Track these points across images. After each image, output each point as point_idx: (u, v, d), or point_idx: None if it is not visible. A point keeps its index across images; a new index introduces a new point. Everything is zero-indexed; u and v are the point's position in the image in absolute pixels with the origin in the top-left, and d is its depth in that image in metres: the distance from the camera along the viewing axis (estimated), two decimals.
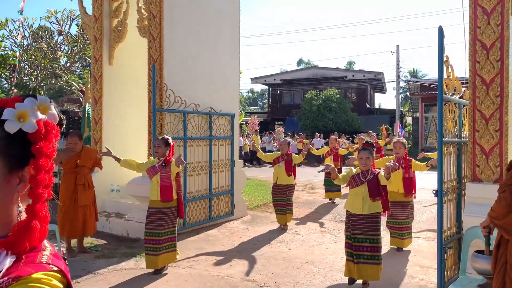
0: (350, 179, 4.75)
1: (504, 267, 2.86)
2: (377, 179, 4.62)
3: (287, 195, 7.67)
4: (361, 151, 4.74)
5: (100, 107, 8.36)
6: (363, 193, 4.60)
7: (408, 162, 6.26)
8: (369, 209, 4.56)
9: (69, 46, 12.79)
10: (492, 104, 4.31)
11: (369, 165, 4.67)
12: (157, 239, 5.17)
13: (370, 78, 35.44)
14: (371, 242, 4.53)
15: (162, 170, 5.26)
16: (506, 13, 4.27)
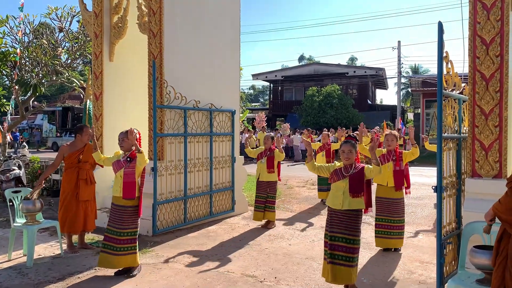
0: (332, 173, 4.47)
1: (504, 261, 2.87)
2: (361, 174, 4.35)
3: (268, 192, 7.45)
4: (343, 144, 4.44)
5: (101, 104, 8.37)
6: (343, 187, 4.34)
7: (399, 155, 5.98)
8: (349, 205, 4.28)
9: (70, 43, 12.79)
10: (491, 100, 4.31)
11: (352, 158, 4.40)
12: (117, 239, 4.92)
13: (371, 74, 35.40)
14: (348, 242, 4.24)
15: (126, 166, 5.01)
16: (506, 8, 4.26)
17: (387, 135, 6.13)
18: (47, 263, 5.45)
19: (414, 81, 31.88)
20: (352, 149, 4.38)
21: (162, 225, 6.94)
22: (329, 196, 4.55)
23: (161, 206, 6.92)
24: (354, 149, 4.40)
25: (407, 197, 10.42)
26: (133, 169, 5.01)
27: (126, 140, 5.04)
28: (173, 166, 7.18)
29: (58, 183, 10.28)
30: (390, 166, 5.90)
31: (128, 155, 5.06)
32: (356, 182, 4.32)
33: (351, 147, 4.39)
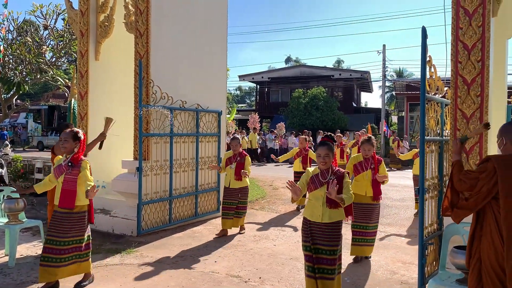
0: (309, 182, 4.09)
1: (478, 262, 2.95)
2: (340, 181, 3.96)
3: (240, 198, 7.00)
4: (319, 147, 4.06)
5: (86, 103, 8.30)
6: (323, 197, 3.96)
7: (377, 163, 5.67)
8: (329, 217, 3.94)
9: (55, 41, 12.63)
10: (473, 104, 4.41)
11: (329, 163, 4.03)
12: (58, 249, 4.37)
13: (356, 77, 35.74)
14: (332, 254, 3.93)
15: (67, 171, 4.46)
16: (487, 14, 4.37)
17: (363, 144, 5.74)
18: (29, 263, 5.39)
19: (398, 85, 32.25)
20: (329, 153, 4.03)
21: (147, 225, 6.92)
22: (306, 206, 4.17)
23: (146, 206, 6.89)
24: (331, 152, 4.05)
25: (391, 199, 10.55)
26: (75, 176, 4.46)
27: (69, 141, 4.51)
28: (159, 166, 7.16)
29: None
30: (369, 174, 5.61)
31: (70, 159, 4.50)
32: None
33: (328, 150, 4.03)
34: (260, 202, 10.27)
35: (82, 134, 4.65)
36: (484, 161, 3.05)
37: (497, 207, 2.87)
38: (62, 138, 4.58)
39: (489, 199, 2.91)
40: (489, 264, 2.86)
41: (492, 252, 2.85)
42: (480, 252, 2.93)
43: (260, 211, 9.19)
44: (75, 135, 4.55)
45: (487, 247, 2.89)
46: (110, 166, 8.41)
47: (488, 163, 2.96)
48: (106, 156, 8.48)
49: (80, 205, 4.51)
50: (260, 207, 9.62)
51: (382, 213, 8.98)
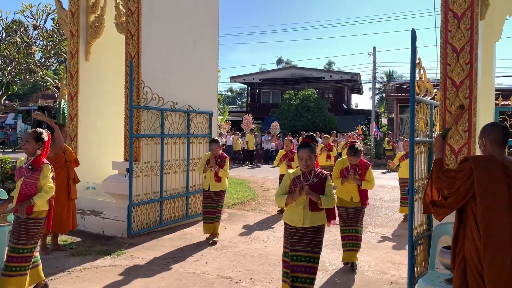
0: (290, 185, 3.87)
1: (463, 263, 3.00)
2: (323, 184, 3.79)
3: (218, 201, 6.67)
4: (300, 149, 3.82)
5: (76, 104, 8.25)
6: (304, 201, 3.75)
7: (364, 169, 5.53)
8: (311, 222, 3.73)
9: (44, 41, 12.52)
10: None
11: (312, 165, 3.82)
12: (18, 256, 4.08)
13: (347, 79, 35.91)
14: (310, 261, 3.72)
15: (27, 175, 4.17)
16: (475, 18, 4.43)
17: (349, 156, 5.55)
18: None
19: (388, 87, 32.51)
20: (311, 155, 3.79)
21: (138, 226, 6.89)
22: (286, 210, 3.93)
23: (137, 207, 6.86)
24: (314, 154, 3.81)
25: (381, 200, 10.62)
26: (35, 181, 4.16)
27: (31, 142, 4.23)
28: (149, 168, 7.13)
29: None
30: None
31: (31, 161, 4.21)
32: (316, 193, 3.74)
33: (310, 152, 3.80)
34: (251, 203, 10.27)
35: (47, 135, 4.36)
36: (463, 161, 3.12)
37: (476, 207, 2.94)
38: (24, 138, 4.29)
39: (467, 199, 2.99)
40: (472, 263, 2.91)
41: (473, 251, 2.91)
42: (464, 252, 2.99)
43: (251, 212, 9.19)
44: (38, 136, 4.28)
45: (469, 246, 2.95)
46: (101, 167, 8.37)
47: (466, 163, 3.04)
48: (97, 157, 8.46)
49: (38, 210, 4.19)
50: (251, 208, 9.62)
51: (372, 214, 9.09)
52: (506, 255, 2.79)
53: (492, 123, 3.24)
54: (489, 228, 2.84)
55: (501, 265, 2.78)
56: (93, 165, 8.33)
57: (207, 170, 6.59)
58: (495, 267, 2.79)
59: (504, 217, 2.82)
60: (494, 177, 2.89)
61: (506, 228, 2.81)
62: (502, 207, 2.83)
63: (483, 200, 2.88)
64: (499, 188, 2.86)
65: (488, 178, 2.90)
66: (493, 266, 2.79)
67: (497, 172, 2.90)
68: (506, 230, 2.81)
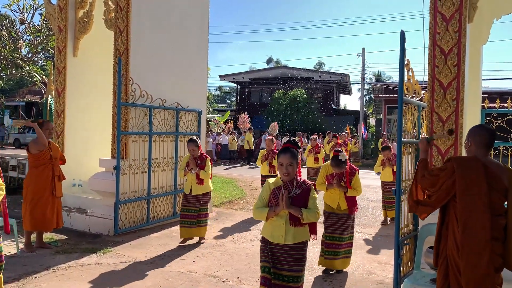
0: (270, 196, 3.46)
1: (445, 261, 3.05)
2: (306, 196, 3.40)
3: (201, 205, 6.39)
4: (281, 154, 3.40)
5: (63, 100, 8.16)
6: (285, 215, 3.36)
7: (350, 176, 5.22)
8: (294, 237, 3.34)
9: (32, 36, 12.37)
10: (448, 107, 4.52)
11: (293, 173, 3.40)
12: None
13: (336, 79, 36.08)
14: (294, 281, 3.38)
15: None
16: (463, 20, 4.48)
17: (333, 167, 5.24)
18: None
19: (377, 88, 32.76)
20: (292, 161, 3.37)
21: (124, 225, 6.83)
22: (265, 224, 3.50)
23: (124, 205, 6.81)
24: (295, 160, 3.39)
25: (368, 200, 10.69)
26: None
27: None
28: (137, 165, 7.08)
29: (15, 181, 9.93)
30: None
31: None
32: (299, 206, 3.36)
33: (291, 158, 3.37)
34: (239, 202, 10.26)
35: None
36: (447, 161, 3.19)
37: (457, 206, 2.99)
38: None
39: (449, 197, 3.05)
40: (453, 262, 2.97)
41: (455, 249, 2.96)
42: (447, 251, 3.03)
43: (239, 211, 9.18)
44: None
45: (451, 245, 3.00)
46: (87, 164, 8.29)
47: (449, 163, 3.11)
48: (83, 154, 8.38)
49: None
50: (239, 207, 9.62)
51: (359, 214, 9.11)
52: (482, 254, 2.84)
53: (481, 125, 3.29)
54: (467, 227, 2.90)
55: (477, 264, 2.84)
56: (80, 162, 8.24)
57: (187, 172, 6.33)
58: (471, 266, 2.84)
59: (481, 217, 2.88)
60: (474, 177, 2.95)
61: (483, 228, 2.87)
62: (480, 207, 2.89)
63: (463, 199, 2.94)
64: (479, 188, 2.92)
65: (469, 178, 2.95)
66: (469, 265, 2.85)
67: (478, 172, 2.96)
68: (483, 230, 2.86)
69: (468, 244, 2.87)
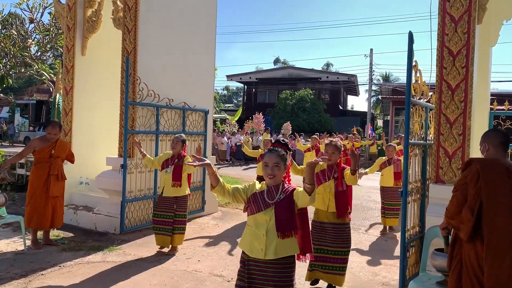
0: (249, 200, 2.95)
1: (459, 265, 3.00)
2: (291, 200, 2.87)
3: (175, 209, 5.82)
4: (267, 154, 2.94)
5: (71, 98, 8.21)
6: (267, 223, 2.83)
7: (342, 172, 4.59)
8: (275, 252, 2.78)
9: (41, 35, 12.46)
10: (456, 109, 4.49)
11: (279, 177, 2.92)
12: None
13: (343, 80, 36.01)
14: None
15: None
16: (472, 22, 4.45)
17: (327, 145, 4.67)
18: (9, 259, 5.30)
19: (384, 89, 32.62)
20: (279, 162, 2.90)
21: (130, 223, 6.86)
22: (244, 234, 3.00)
23: (130, 204, 6.84)
24: (283, 162, 2.92)
25: (374, 202, 10.61)
26: None
27: None
28: (144, 164, 7.10)
29: (23, 178, 10.01)
30: (331, 185, 4.55)
31: None
32: (285, 214, 2.84)
33: (278, 158, 2.90)
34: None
35: None
36: (467, 164, 3.08)
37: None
38: None
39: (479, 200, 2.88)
40: (470, 266, 2.91)
41: (473, 254, 2.90)
42: (462, 254, 2.99)
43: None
44: None
45: (468, 249, 2.94)
46: (94, 162, 8.33)
47: (472, 166, 3.00)
48: (91, 152, 8.42)
49: None
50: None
51: (365, 215, 9.06)
52: (505, 256, 2.80)
53: (493, 129, 3.28)
54: (492, 229, 2.83)
55: (501, 266, 2.80)
56: (87, 160, 8.29)
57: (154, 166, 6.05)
58: (495, 268, 2.80)
59: (506, 220, 2.83)
60: (499, 179, 2.89)
61: (507, 230, 2.82)
62: (505, 209, 2.84)
63: (489, 202, 2.86)
64: (503, 189, 2.86)
65: (493, 179, 2.89)
66: (494, 267, 2.80)
67: (501, 174, 2.90)
68: (507, 231, 2.82)
69: (494, 247, 2.81)
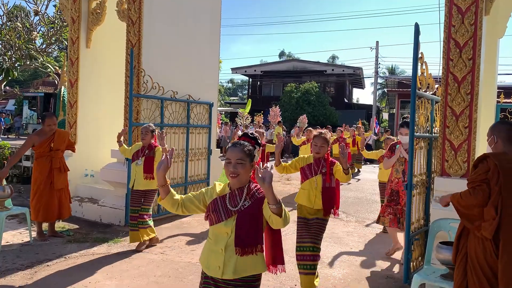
0: (209, 208, 2.46)
1: (465, 258, 2.97)
2: (259, 207, 2.36)
3: (142, 203, 5.61)
4: (230, 149, 2.41)
5: (76, 91, 8.22)
6: (228, 236, 2.37)
7: (330, 166, 4.25)
8: (235, 272, 2.31)
9: (46, 27, 12.46)
10: (462, 102, 4.44)
11: (244, 176, 2.40)
12: None
13: (349, 73, 35.81)
14: None
15: None
16: (479, 13, 4.39)
17: (315, 137, 4.32)
18: (15, 251, 5.35)
19: (390, 82, 32.45)
20: (244, 159, 2.36)
21: None
22: (203, 249, 2.59)
23: None
24: (249, 158, 2.38)
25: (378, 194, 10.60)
26: None
27: None
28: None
29: (29, 170, 10.07)
30: (318, 181, 4.21)
31: None
32: (248, 226, 2.35)
33: (244, 154, 2.36)
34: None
35: None
36: (482, 159, 2.94)
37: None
38: None
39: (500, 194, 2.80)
40: (476, 261, 2.87)
41: (480, 248, 2.86)
42: (467, 248, 2.95)
43: None
44: None
45: (475, 243, 2.90)
46: (99, 155, 8.36)
47: (489, 161, 2.88)
48: (95, 144, 8.45)
49: None
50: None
51: (370, 208, 9.07)
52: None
53: (501, 121, 3.20)
54: (509, 225, 2.78)
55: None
56: (92, 152, 8.32)
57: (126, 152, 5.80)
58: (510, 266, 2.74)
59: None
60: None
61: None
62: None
63: (509, 197, 2.77)
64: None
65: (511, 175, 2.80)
66: (510, 265, 2.75)
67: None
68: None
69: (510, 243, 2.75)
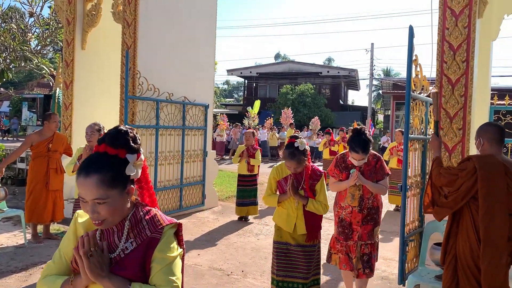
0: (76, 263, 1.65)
1: (454, 260, 3.00)
2: (144, 255, 1.64)
3: None
4: (77, 180, 1.56)
5: (71, 92, 8.19)
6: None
7: (311, 180, 3.53)
8: None
9: (41, 29, 12.42)
10: (456, 104, 4.47)
11: (121, 213, 1.65)
12: None
13: (344, 75, 35.93)
14: None
15: None
16: (473, 16, 4.43)
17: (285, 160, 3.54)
18: (9, 253, 5.32)
19: (385, 84, 32.50)
20: (105, 195, 1.55)
21: None
22: None
23: None
24: (117, 187, 1.60)
25: None
26: None
27: None
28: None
29: (23, 172, 10.03)
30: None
31: None
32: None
33: (102, 188, 1.54)
34: None
35: None
36: (465, 160, 3.09)
37: (474, 206, 2.92)
38: None
39: (467, 198, 2.95)
40: (464, 261, 2.91)
41: (467, 249, 2.90)
42: (456, 249, 2.99)
43: None
44: None
45: (462, 244, 2.94)
46: None
47: (469, 162, 3.00)
48: None
49: None
50: None
51: None
52: (502, 254, 2.80)
53: (488, 122, 3.24)
54: (489, 228, 2.82)
55: (497, 264, 2.79)
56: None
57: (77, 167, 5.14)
58: (492, 266, 2.79)
59: (503, 218, 2.82)
60: (496, 177, 2.87)
61: (503, 228, 2.81)
62: (501, 207, 2.83)
63: (486, 200, 2.85)
64: (500, 188, 2.84)
65: (491, 178, 2.87)
66: (491, 266, 2.79)
67: (498, 172, 2.88)
68: (503, 230, 2.81)
69: (491, 245, 2.81)
